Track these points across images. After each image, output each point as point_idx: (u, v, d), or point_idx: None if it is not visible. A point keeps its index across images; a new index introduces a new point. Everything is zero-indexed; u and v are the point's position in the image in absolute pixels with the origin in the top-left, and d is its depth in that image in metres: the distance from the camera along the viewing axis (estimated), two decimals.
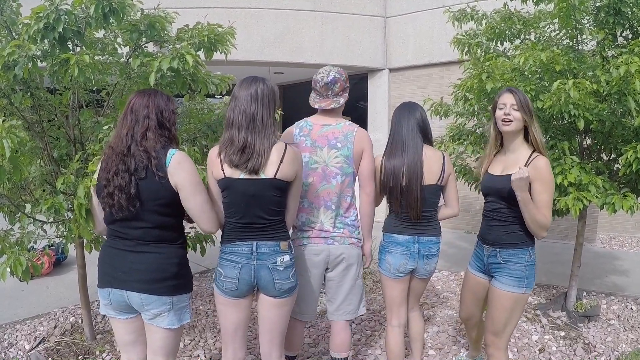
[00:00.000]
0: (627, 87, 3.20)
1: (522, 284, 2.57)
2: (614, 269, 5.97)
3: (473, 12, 4.60)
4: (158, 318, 2.21)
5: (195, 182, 2.18)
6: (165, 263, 2.18)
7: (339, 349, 2.91)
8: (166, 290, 2.18)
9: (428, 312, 4.43)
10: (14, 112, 3.12)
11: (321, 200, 2.72)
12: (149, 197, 2.12)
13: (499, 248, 2.64)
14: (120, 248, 2.20)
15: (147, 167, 2.11)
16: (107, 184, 2.13)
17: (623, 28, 3.71)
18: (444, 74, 8.25)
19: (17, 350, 3.69)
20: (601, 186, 3.39)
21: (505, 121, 2.56)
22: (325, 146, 2.71)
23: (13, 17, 3.07)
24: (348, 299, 2.85)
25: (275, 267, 2.30)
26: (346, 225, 2.77)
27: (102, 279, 2.24)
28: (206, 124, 3.56)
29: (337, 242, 2.74)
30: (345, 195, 2.76)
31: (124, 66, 3.23)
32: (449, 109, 4.69)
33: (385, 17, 9.00)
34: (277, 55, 8.47)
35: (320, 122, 2.77)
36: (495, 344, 2.68)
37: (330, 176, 2.71)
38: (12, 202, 3.16)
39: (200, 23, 3.38)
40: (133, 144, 2.14)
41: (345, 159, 2.70)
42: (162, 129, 2.21)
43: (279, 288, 2.31)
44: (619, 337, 3.93)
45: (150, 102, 2.21)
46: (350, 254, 2.78)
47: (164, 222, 2.18)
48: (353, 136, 2.72)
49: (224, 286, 2.32)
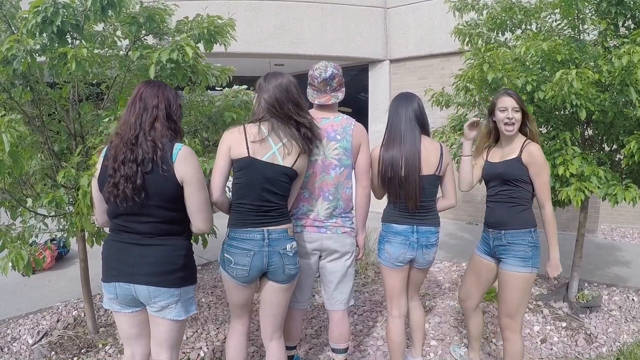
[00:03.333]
0: (629, 77, 3.18)
1: (527, 263, 2.71)
2: (616, 260, 5.97)
3: (474, 2, 4.57)
4: (165, 310, 2.21)
5: (200, 178, 2.19)
6: (173, 255, 2.18)
7: (338, 340, 2.94)
8: (175, 282, 2.18)
9: (430, 303, 4.44)
10: (14, 107, 3.11)
11: (320, 191, 2.75)
12: (155, 192, 2.11)
13: (503, 230, 2.79)
14: (126, 241, 2.18)
15: (152, 160, 2.10)
16: (113, 174, 2.11)
17: (625, 18, 3.69)
18: (445, 65, 8.22)
19: (20, 345, 3.70)
20: (603, 177, 3.38)
21: (508, 124, 2.75)
22: (324, 138, 2.72)
23: (12, 11, 3.05)
24: (339, 288, 2.88)
25: (286, 252, 2.41)
26: (340, 216, 2.79)
27: (107, 273, 2.22)
28: (206, 115, 3.55)
29: (330, 231, 2.77)
30: (345, 187, 2.78)
31: (123, 59, 3.22)
32: (450, 100, 4.68)
33: (386, 8, 8.95)
34: (277, 47, 8.44)
35: (319, 116, 2.79)
36: (511, 327, 2.80)
37: (330, 167, 2.73)
38: (13, 196, 3.16)
39: (199, 15, 3.37)
40: (141, 133, 2.12)
41: (344, 151, 2.73)
42: (170, 122, 2.21)
43: (287, 273, 2.43)
44: (621, 328, 3.94)
45: (160, 93, 2.20)
46: (344, 242, 2.81)
47: (170, 216, 2.17)
48: (351, 129, 2.75)
49: (235, 273, 2.39)
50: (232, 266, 2.38)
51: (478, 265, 3.01)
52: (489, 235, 2.91)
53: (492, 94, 3.87)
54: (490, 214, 2.89)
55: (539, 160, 2.69)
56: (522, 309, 2.79)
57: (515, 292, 2.74)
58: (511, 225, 2.76)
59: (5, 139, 2.15)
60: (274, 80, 2.46)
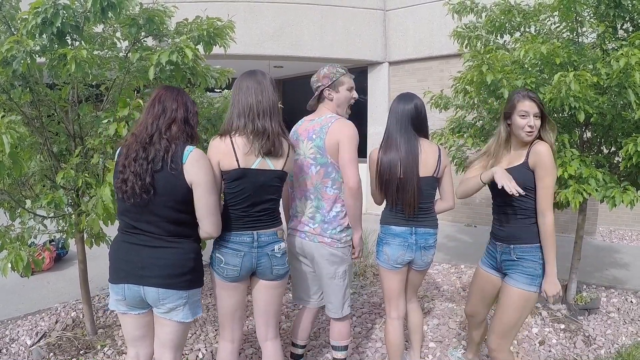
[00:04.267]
0: (627, 80, 3.19)
1: (534, 282, 2.51)
2: (614, 262, 5.97)
3: (473, 5, 4.57)
4: (173, 312, 2.22)
5: (210, 182, 2.20)
6: (183, 258, 2.19)
7: (337, 337, 2.97)
8: (184, 285, 2.19)
9: (428, 305, 4.44)
10: (13, 108, 3.12)
11: (301, 190, 2.79)
12: (164, 190, 2.11)
13: (513, 244, 2.57)
14: (135, 243, 2.18)
15: (163, 158, 2.11)
16: (124, 169, 2.12)
17: (623, 21, 3.70)
18: (444, 67, 8.22)
19: (18, 346, 3.70)
20: (601, 179, 3.39)
21: (529, 132, 2.51)
22: (305, 139, 2.77)
23: (12, 12, 3.05)
24: (326, 295, 2.88)
25: (274, 254, 2.43)
26: (323, 222, 2.73)
27: (115, 274, 2.21)
28: (206, 117, 3.56)
29: (307, 238, 2.76)
30: (324, 186, 2.72)
31: (123, 60, 3.22)
32: (448, 102, 4.68)
33: (385, 10, 8.96)
34: (276, 49, 8.44)
35: (309, 118, 2.86)
36: (501, 347, 2.62)
37: (307, 166, 2.75)
38: (13, 197, 3.15)
39: (199, 17, 3.38)
40: (156, 134, 2.14)
41: (317, 149, 2.70)
42: (187, 126, 2.23)
43: (275, 273, 2.46)
44: (619, 330, 3.94)
45: (179, 97, 2.24)
46: (320, 252, 2.74)
47: (179, 218, 2.18)
48: (328, 127, 2.70)
49: (225, 273, 2.40)
50: (222, 266, 2.39)
51: (483, 280, 2.84)
52: (496, 249, 2.70)
53: (490, 96, 3.88)
54: (499, 227, 2.66)
55: (545, 161, 2.41)
56: (516, 330, 2.60)
57: (515, 311, 2.53)
58: (523, 240, 2.54)
59: (5, 140, 2.15)
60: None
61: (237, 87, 2.39)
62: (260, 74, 2.40)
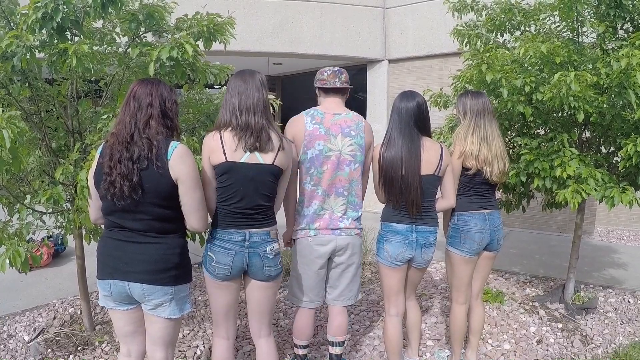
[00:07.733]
0: (627, 80, 3.19)
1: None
2: (612, 261, 5.99)
3: (473, 3, 4.57)
4: (159, 308, 2.21)
5: (195, 177, 2.20)
6: (168, 253, 2.19)
7: (336, 333, 3.00)
8: (169, 280, 2.18)
9: (426, 303, 4.44)
10: (12, 103, 3.11)
11: (334, 187, 2.82)
12: (150, 189, 2.11)
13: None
14: (120, 239, 2.18)
15: (147, 157, 2.10)
16: (110, 172, 2.11)
17: (624, 21, 3.70)
18: (444, 65, 8.22)
19: (16, 342, 3.69)
20: (600, 179, 3.39)
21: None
22: (339, 134, 2.79)
23: (11, 7, 3.04)
24: (349, 286, 2.98)
25: (266, 254, 2.43)
26: (353, 218, 2.89)
27: (102, 270, 2.22)
28: (205, 114, 3.55)
29: (344, 233, 2.86)
30: (357, 182, 2.88)
31: (122, 56, 3.21)
32: (448, 100, 4.68)
33: (385, 8, 8.96)
34: (276, 46, 8.43)
35: (331, 111, 2.85)
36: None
37: (344, 164, 2.80)
38: (11, 193, 3.15)
39: (199, 13, 3.37)
40: (136, 132, 2.13)
41: (358, 147, 2.82)
42: (165, 119, 2.21)
43: (267, 274, 2.46)
44: (616, 330, 3.95)
45: (153, 90, 2.20)
46: (355, 243, 2.92)
47: (165, 214, 2.17)
48: (363, 126, 2.87)
49: (216, 271, 2.41)
50: (213, 264, 2.40)
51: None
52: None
53: (490, 95, 3.87)
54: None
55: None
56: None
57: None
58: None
59: (6, 134, 2.14)
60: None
61: (227, 87, 2.47)
62: (248, 73, 2.44)
